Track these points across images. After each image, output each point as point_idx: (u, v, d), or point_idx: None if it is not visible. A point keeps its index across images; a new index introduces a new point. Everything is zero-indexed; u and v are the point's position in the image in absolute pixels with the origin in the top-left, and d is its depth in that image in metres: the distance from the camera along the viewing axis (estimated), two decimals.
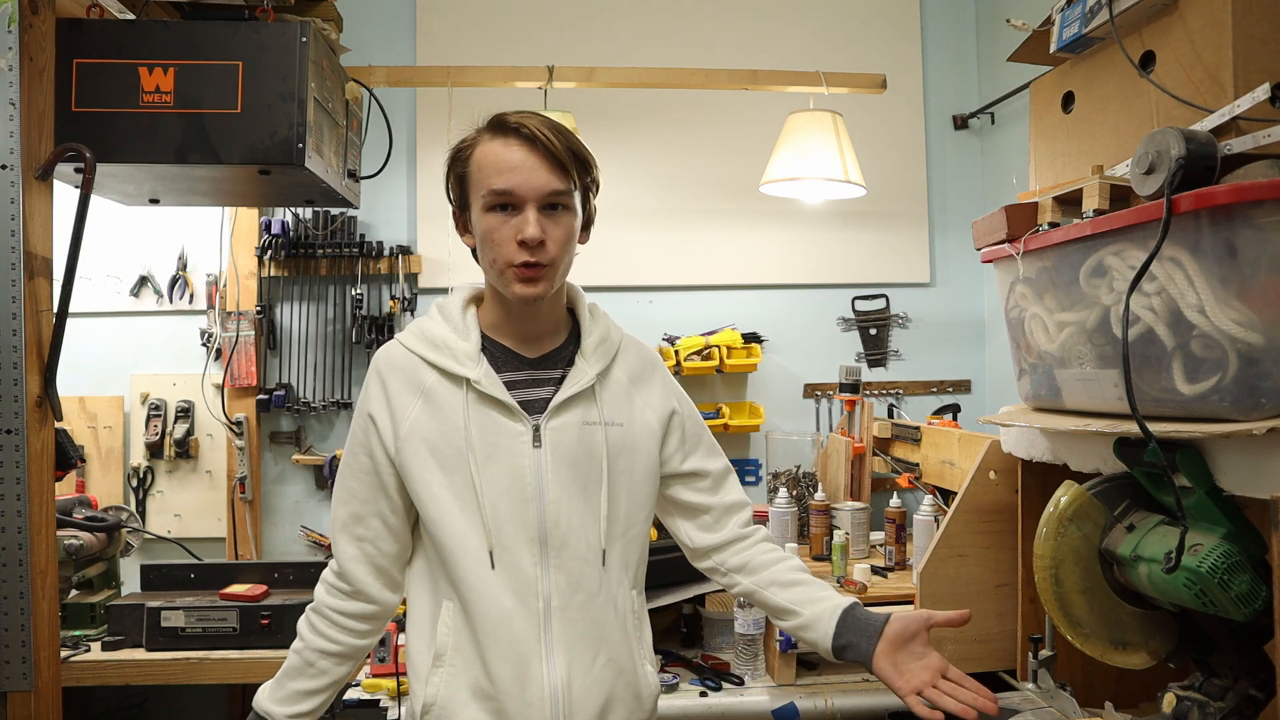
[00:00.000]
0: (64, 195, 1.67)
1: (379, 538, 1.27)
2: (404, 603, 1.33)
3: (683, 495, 1.39)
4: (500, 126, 1.21)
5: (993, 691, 1.20)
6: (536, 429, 1.23)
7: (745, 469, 2.95)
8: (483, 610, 1.20)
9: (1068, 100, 1.69)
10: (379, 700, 1.94)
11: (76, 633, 2.23)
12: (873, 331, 3.02)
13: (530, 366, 1.28)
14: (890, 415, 2.96)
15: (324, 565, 1.35)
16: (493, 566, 1.20)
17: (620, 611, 1.27)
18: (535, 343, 1.29)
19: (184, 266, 2.83)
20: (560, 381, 1.27)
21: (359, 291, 2.78)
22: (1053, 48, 1.67)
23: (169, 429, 2.78)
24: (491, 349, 1.27)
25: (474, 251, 1.29)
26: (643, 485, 1.31)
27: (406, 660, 1.27)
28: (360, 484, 1.27)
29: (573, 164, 1.21)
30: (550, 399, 1.25)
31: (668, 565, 1.84)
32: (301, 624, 1.30)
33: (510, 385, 1.25)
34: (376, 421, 1.25)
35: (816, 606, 1.30)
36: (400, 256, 2.82)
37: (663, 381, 1.38)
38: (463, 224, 1.29)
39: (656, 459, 1.33)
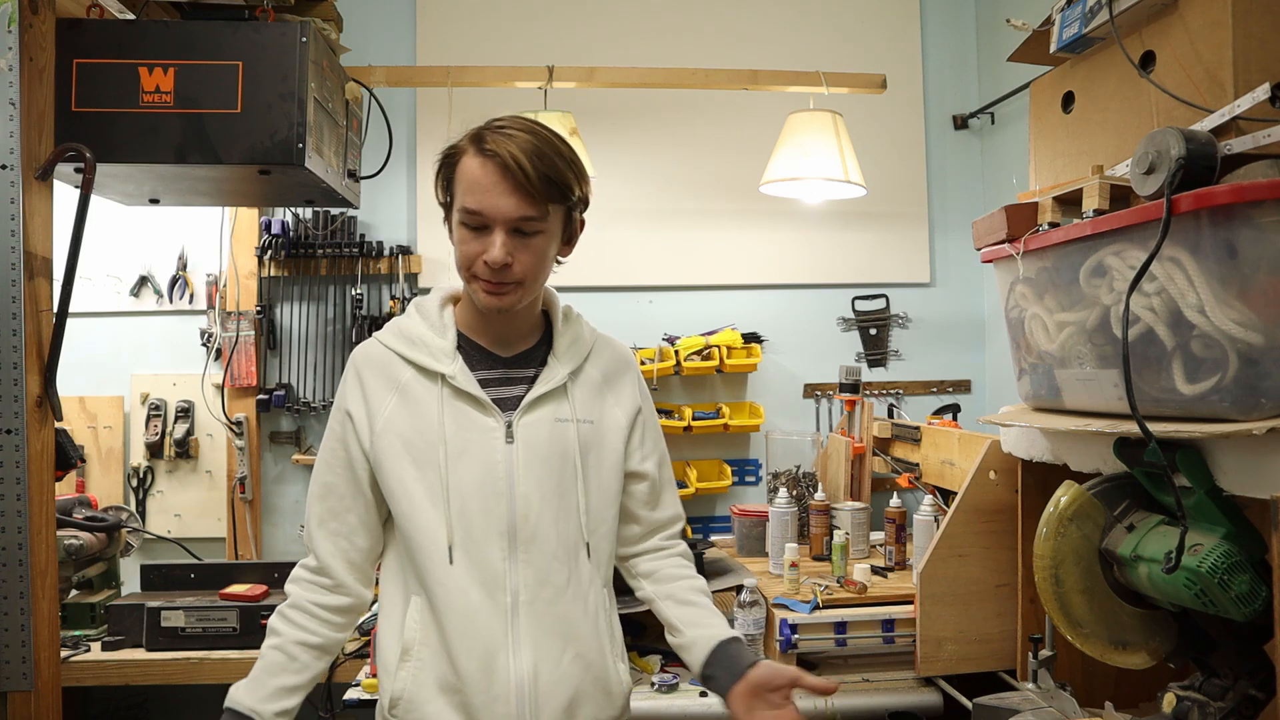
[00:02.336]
0: (64, 195, 1.67)
1: (353, 532, 1.29)
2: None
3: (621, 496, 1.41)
4: (479, 145, 1.19)
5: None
6: (509, 425, 1.26)
7: (745, 469, 2.95)
8: (449, 603, 1.21)
9: (1068, 100, 1.69)
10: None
11: (76, 633, 2.23)
12: (873, 331, 3.02)
13: (504, 365, 1.31)
14: (890, 415, 2.96)
15: None
16: (451, 561, 1.22)
17: (591, 607, 1.29)
18: (509, 343, 1.32)
19: (184, 266, 2.83)
20: (533, 380, 1.30)
21: (359, 291, 2.79)
22: (1053, 48, 1.67)
23: (169, 429, 2.78)
24: (467, 347, 1.30)
25: None
26: (610, 481, 1.34)
27: (376, 655, 1.30)
28: (336, 479, 1.29)
29: (546, 191, 1.19)
30: (523, 397, 1.28)
31: None
32: (275, 622, 1.29)
33: (484, 383, 1.27)
34: (353, 417, 1.27)
35: (698, 631, 1.32)
36: (400, 256, 2.82)
37: (633, 381, 1.41)
38: (450, 222, 1.32)
39: (622, 455, 1.36)
